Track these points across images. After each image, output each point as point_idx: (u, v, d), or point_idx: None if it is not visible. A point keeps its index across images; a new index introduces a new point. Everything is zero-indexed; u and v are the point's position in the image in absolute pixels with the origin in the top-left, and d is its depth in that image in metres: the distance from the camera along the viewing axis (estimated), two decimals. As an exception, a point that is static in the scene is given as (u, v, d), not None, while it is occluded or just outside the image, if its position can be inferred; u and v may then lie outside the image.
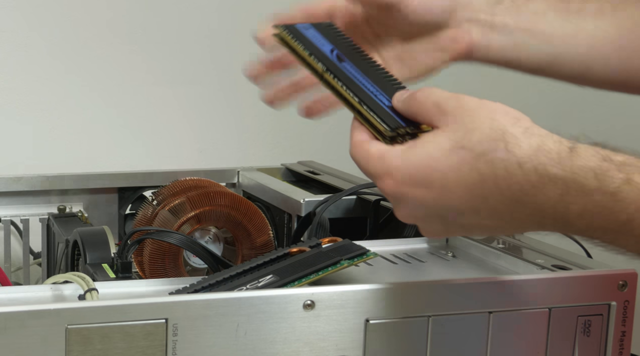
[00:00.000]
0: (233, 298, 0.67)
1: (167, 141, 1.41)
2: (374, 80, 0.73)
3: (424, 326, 0.71)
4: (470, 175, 0.62)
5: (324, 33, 0.76)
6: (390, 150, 0.66)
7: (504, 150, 0.62)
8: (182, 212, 0.90)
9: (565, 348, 0.75)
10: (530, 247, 0.85)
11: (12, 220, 1.08)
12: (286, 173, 1.20)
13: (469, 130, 0.63)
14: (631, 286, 0.76)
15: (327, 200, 0.96)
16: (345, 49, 0.75)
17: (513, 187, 0.61)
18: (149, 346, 0.65)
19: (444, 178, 0.63)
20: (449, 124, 0.64)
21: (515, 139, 0.62)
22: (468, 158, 0.62)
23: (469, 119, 0.63)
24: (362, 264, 0.81)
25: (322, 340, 0.69)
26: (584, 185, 0.60)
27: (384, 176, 0.65)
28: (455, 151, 0.63)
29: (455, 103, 0.65)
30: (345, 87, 0.71)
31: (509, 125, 0.63)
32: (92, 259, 0.84)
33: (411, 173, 0.64)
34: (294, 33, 0.75)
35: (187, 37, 1.40)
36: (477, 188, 0.62)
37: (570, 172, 0.60)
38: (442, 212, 0.64)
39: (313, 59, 0.73)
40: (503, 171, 0.61)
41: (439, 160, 0.63)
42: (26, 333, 0.63)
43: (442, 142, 0.63)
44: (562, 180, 0.61)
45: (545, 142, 0.62)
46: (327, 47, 0.74)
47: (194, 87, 1.41)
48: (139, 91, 1.39)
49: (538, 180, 0.61)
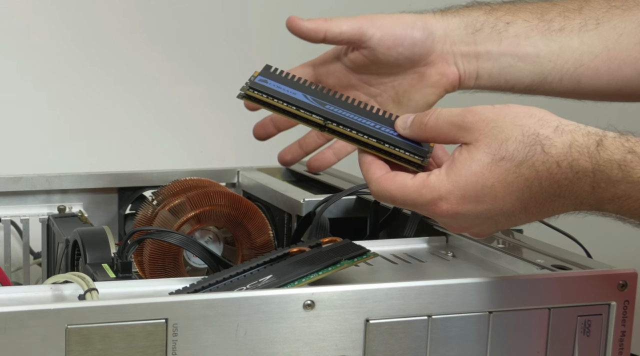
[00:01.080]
0: (233, 298, 0.67)
1: (167, 141, 1.41)
2: (362, 113, 0.73)
3: (424, 326, 0.71)
4: (516, 182, 0.66)
5: (279, 80, 0.74)
6: (430, 178, 0.68)
7: (542, 153, 0.65)
8: (182, 212, 0.90)
9: (565, 348, 0.75)
10: (530, 246, 0.85)
11: (12, 220, 1.08)
12: (286, 173, 1.20)
13: (503, 141, 0.66)
14: (631, 286, 0.76)
15: (327, 200, 0.96)
16: (311, 90, 0.74)
17: (554, 184, 0.65)
18: (149, 346, 0.65)
19: (493, 190, 0.66)
20: (480, 139, 0.67)
21: (549, 140, 0.65)
22: (511, 167, 0.66)
23: (497, 131, 0.66)
24: (362, 264, 0.81)
25: (322, 340, 0.69)
26: (610, 176, 0.64)
27: (437, 202, 0.68)
28: (497, 163, 0.66)
29: (473, 118, 0.68)
30: (356, 131, 0.72)
31: (538, 127, 0.66)
32: (92, 259, 0.84)
33: (463, 194, 0.67)
34: (260, 89, 0.73)
35: (187, 37, 1.40)
36: (524, 192, 0.66)
37: (597, 164, 0.64)
38: (495, 217, 0.68)
39: (304, 113, 0.72)
40: (545, 172, 0.65)
41: (484, 175, 0.66)
42: (26, 333, 0.63)
43: (482, 158, 0.66)
44: (592, 173, 0.64)
45: (575, 137, 0.65)
46: (298, 94, 0.73)
47: (194, 87, 1.41)
48: (139, 91, 1.39)
49: (574, 175, 0.65)
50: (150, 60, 1.39)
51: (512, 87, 0.88)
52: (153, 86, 1.39)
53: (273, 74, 0.74)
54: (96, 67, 1.36)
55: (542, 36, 0.87)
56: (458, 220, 0.69)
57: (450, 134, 0.69)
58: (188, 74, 1.41)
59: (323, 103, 0.73)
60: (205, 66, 1.42)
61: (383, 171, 0.71)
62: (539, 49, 0.87)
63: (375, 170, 0.71)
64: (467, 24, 0.88)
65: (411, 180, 0.69)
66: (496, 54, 0.86)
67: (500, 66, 0.87)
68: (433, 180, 0.68)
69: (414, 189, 0.69)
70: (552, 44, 0.87)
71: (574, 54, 0.87)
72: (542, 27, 0.87)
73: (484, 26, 0.87)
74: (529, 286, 0.74)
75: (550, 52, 0.87)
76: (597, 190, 0.65)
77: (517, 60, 0.87)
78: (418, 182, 0.69)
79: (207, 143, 1.42)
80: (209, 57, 1.42)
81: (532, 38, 0.87)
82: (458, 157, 0.68)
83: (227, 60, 1.41)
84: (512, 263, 0.83)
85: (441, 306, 0.72)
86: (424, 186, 0.68)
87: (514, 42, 0.87)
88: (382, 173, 0.71)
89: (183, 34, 1.40)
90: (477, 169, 0.66)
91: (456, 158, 0.68)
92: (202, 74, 1.42)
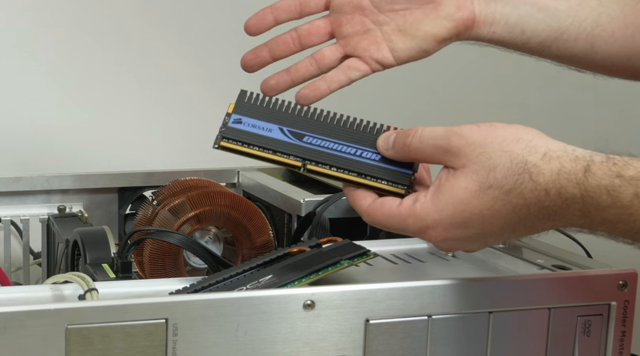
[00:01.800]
0: (233, 298, 0.67)
1: (167, 141, 1.40)
2: (343, 137, 0.72)
3: (424, 326, 0.71)
4: (504, 208, 0.66)
5: (254, 113, 0.73)
6: (416, 206, 0.68)
7: (530, 181, 0.65)
8: (182, 212, 0.90)
9: (565, 348, 0.75)
10: (530, 247, 0.85)
11: (12, 220, 1.08)
12: (286, 173, 1.20)
13: (491, 169, 0.66)
14: (631, 286, 0.76)
15: (327, 200, 0.96)
16: (288, 119, 0.73)
17: (543, 210, 0.65)
18: (149, 346, 0.65)
19: (481, 217, 0.66)
20: (467, 165, 0.67)
21: (537, 168, 0.65)
22: (499, 195, 0.66)
23: (484, 157, 0.66)
24: (362, 264, 0.81)
25: (322, 340, 0.69)
26: (599, 202, 0.64)
27: (426, 230, 0.68)
28: (484, 191, 0.66)
29: (459, 142, 0.67)
30: (335, 168, 0.71)
31: (526, 153, 0.66)
32: (92, 259, 0.84)
33: (451, 222, 0.67)
34: (234, 136, 0.72)
35: (187, 36, 1.40)
36: (513, 217, 0.66)
37: (586, 190, 0.64)
38: (485, 239, 0.68)
39: (280, 156, 0.71)
40: (534, 199, 0.65)
41: (472, 203, 0.66)
42: (26, 333, 0.63)
43: (469, 186, 0.66)
44: (581, 199, 0.64)
45: (563, 164, 0.65)
46: (275, 131, 0.72)
47: (195, 87, 1.41)
48: (139, 91, 1.39)
49: (563, 202, 0.65)
50: (150, 59, 1.39)
51: (528, 39, 0.86)
52: (153, 86, 1.39)
53: (248, 104, 0.73)
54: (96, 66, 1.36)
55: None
56: (447, 243, 0.69)
57: (435, 157, 0.69)
58: (188, 74, 1.41)
59: (301, 135, 0.72)
60: (205, 65, 1.42)
61: (369, 199, 0.71)
62: (559, 2, 0.86)
63: (361, 200, 0.71)
64: None
65: (397, 209, 0.69)
66: (516, 1, 0.85)
67: (519, 14, 0.85)
68: (419, 209, 0.68)
69: (401, 218, 0.69)
70: (572, 0, 0.87)
71: (592, 13, 0.86)
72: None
73: None
74: (529, 286, 0.74)
75: (570, 7, 0.86)
76: (587, 216, 0.65)
77: (537, 10, 0.85)
78: (405, 211, 0.68)
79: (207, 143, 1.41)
80: (209, 56, 1.41)
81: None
82: (444, 183, 0.67)
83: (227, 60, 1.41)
84: (512, 263, 0.83)
85: (441, 306, 0.72)
86: (410, 215, 0.68)
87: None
88: (370, 202, 0.71)
89: (183, 33, 1.40)
90: (464, 197, 0.66)
91: (442, 185, 0.67)
92: (202, 73, 1.41)
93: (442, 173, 0.68)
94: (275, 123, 0.72)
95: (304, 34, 0.84)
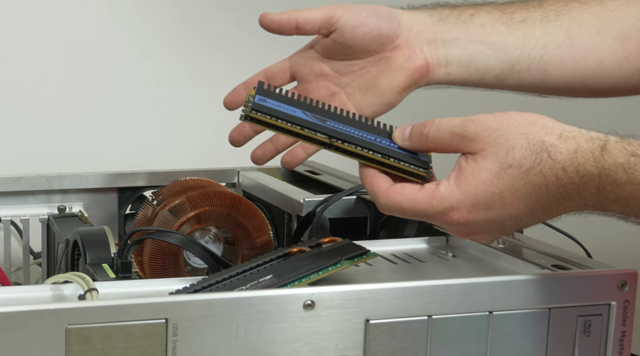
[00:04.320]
0: (233, 298, 0.67)
1: (167, 141, 1.41)
2: (362, 127, 0.74)
3: (424, 326, 0.71)
4: (524, 188, 0.68)
5: (277, 98, 0.74)
6: (440, 188, 0.70)
7: (548, 159, 0.67)
8: (182, 212, 0.90)
9: (565, 348, 0.75)
10: (530, 246, 0.85)
11: (12, 220, 1.08)
12: (286, 173, 1.20)
13: (509, 149, 0.68)
14: (631, 286, 0.76)
15: (327, 200, 0.96)
16: (309, 107, 0.74)
17: (561, 188, 0.67)
18: (149, 346, 0.65)
19: (502, 197, 0.68)
20: (486, 148, 0.69)
21: (555, 147, 0.67)
22: (519, 174, 0.68)
23: (502, 139, 0.68)
24: (362, 264, 0.81)
25: (322, 340, 0.69)
26: (615, 179, 0.66)
27: (449, 212, 0.69)
28: (505, 171, 0.68)
29: (476, 127, 0.69)
30: (361, 148, 0.72)
31: (543, 134, 0.68)
32: (92, 259, 0.84)
33: (473, 202, 0.69)
34: (262, 110, 0.72)
35: (187, 36, 1.40)
36: (532, 197, 0.68)
37: (603, 168, 0.66)
38: (503, 222, 0.70)
39: (308, 132, 0.72)
40: (553, 177, 0.67)
41: (493, 183, 0.68)
42: (26, 333, 0.63)
43: (490, 167, 0.68)
44: (598, 176, 0.66)
45: (579, 143, 0.67)
46: (298, 112, 0.73)
47: (194, 87, 1.41)
48: (139, 91, 1.39)
49: (580, 179, 0.67)
50: (150, 59, 1.39)
51: (483, 76, 0.89)
52: (153, 86, 1.39)
53: (269, 91, 0.74)
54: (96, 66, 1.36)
55: (506, 26, 0.90)
56: (468, 226, 0.70)
57: (453, 144, 0.70)
58: (188, 74, 1.41)
59: (324, 119, 0.73)
60: (205, 66, 1.42)
61: (388, 183, 0.72)
62: (505, 36, 0.89)
63: (380, 183, 0.72)
64: (432, 15, 0.90)
65: (420, 192, 0.70)
66: (464, 42, 0.88)
67: (469, 53, 0.88)
68: (443, 190, 0.69)
69: (424, 200, 0.70)
70: (516, 33, 0.89)
71: (538, 42, 0.89)
72: (505, 18, 0.90)
73: (449, 17, 0.89)
74: (529, 286, 0.74)
75: (516, 40, 0.89)
76: (603, 193, 0.67)
77: (485, 47, 0.89)
78: (428, 193, 0.70)
79: (207, 143, 1.42)
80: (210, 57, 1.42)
81: (497, 27, 0.89)
82: (465, 166, 0.69)
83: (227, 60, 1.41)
84: (512, 263, 0.83)
85: (441, 306, 0.72)
86: (434, 197, 0.69)
87: (480, 31, 0.89)
88: (388, 186, 0.72)
89: (183, 33, 1.40)
90: (486, 178, 0.68)
91: (463, 168, 0.69)
92: (203, 73, 1.42)
93: (460, 159, 0.70)
94: (298, 108, 0.73)
95: None
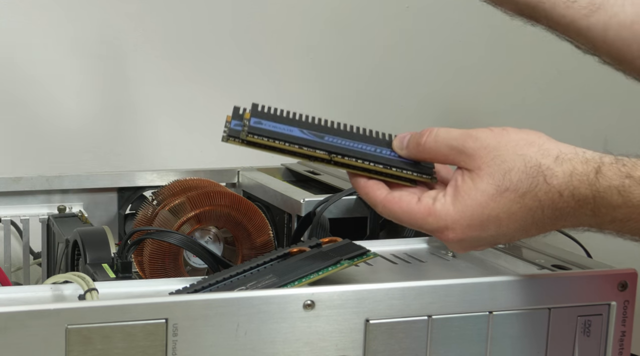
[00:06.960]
0: (233, 298, 0.67)
1: (167, 141, 1.41)
2: (360, 139, 0.74)
3: (424, 326, 0.71)
4: (520, 211, 0.68)
5: (272, 118, 0.73)
6: (436, 205, 0.70)
7: (544, 183, 0.67)
8: (182, 212, 0.90)
9: (565, 348, 0.75)
10: (530, 247, 0.85)
11: (12, 220, 1.08)
12: (286, 173, 1.20)
13: (507, 171, 0.68)
14: (631, 286, 0.76)
15: (327, 200, 0.96)
16: (305, 124, 0.74)
17: (557, 212, 0.68)
18: (149, 346, 0.65)
19: (498, 219, 0.69)
20: (483, 168, 0.69)
21: (551, 171, 0.67)
22: (515, 198, 0.68)
23: (499, 160, 0.69)
24: (362, 264, 0.81)
25: (322, 340, 0.69)
26: (610, 202, 0.66)
27: (444, 230, 0.70)
28: (501, 194, 0.68)
29: (474, 144, 0.70)
30: (362, 160, 0.72)
31: (540, 156, 0.68)
32: (92, 259, 0.84)
33: (469, 224, 0.69)
34: (259, 132, 0.72)
35: (187, 36, 1.40)
36: (527, 219, 0.68)
37: (597, 191, 0.66)
38: (497, 239, 0.70)
39: (307, 150, 0.72)
40: (548, 201, 0.67)
41: (489, 206, 0.68)
42: (26, 333, 0.63)
43: (486, 188, 0.69)
44: (593, 199, 0.66)
45: (575, 166, 0.67)
46: (295, 131, 0.73)
47: (194, 87, 1.41)
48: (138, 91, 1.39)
49: (575, 203, 0.67)
50: (150, 59, 1.39)
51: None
52: (153, 86, 1.39)
53: (263, 113, 0.74)
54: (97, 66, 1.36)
55: None
56: (462, 244, 0.71)
57: (449, 157, 0.71)
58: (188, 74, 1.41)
59: (321, 135, 0.73)
60: (205, 66, 1.42)
61: (384, 191, 0.72)
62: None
63: (375, 192, 0.72)
64: None
65: (417, 206, 0.71)
66: None
67: None
68: (439, 208, 0.70)
69: (420, 216, 0.70)
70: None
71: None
72: None
73: None
74: (529, 286, 0.74)
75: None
76: (598, 215, 0.67)
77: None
78: (424, 209, 0.70)
79: (207, 143, 1.42)
80: (210, 56, 1.41)
81: None
82: (462, 185, 0.69)
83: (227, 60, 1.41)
84: (512, 263, 0.83)
85: (441, 306, 0.72)
86: (429, 214, 0.70)
87: None
88: (385, 194, 0.72)
89: (184, 33, 1.40)
90: (483, 200, 0.68)
91: (459, 187, 0.69)
92: (203, 73, 1.42)
93: (457, 174, 0.70)
94: (294, 126, 0.73)
95: None
